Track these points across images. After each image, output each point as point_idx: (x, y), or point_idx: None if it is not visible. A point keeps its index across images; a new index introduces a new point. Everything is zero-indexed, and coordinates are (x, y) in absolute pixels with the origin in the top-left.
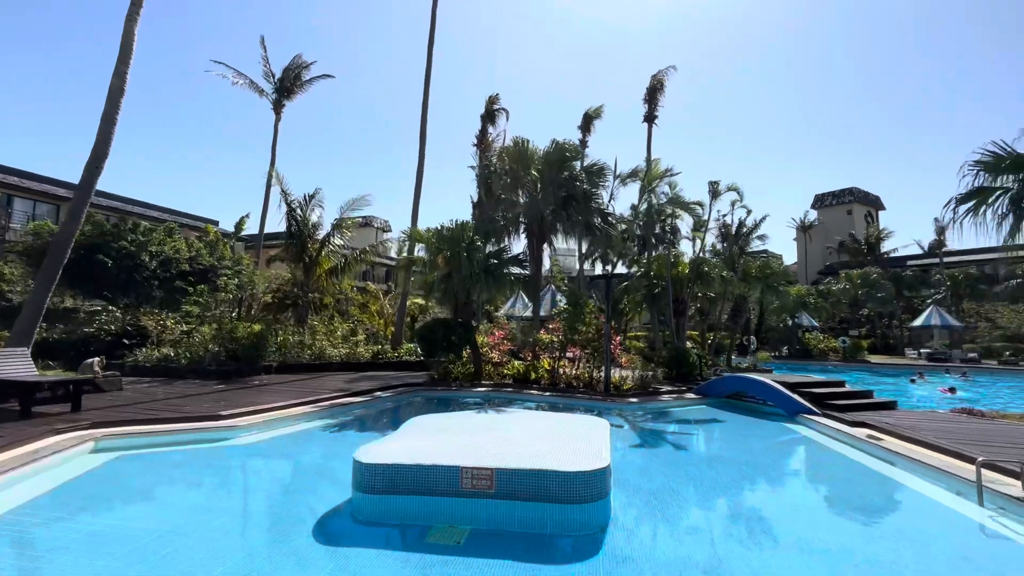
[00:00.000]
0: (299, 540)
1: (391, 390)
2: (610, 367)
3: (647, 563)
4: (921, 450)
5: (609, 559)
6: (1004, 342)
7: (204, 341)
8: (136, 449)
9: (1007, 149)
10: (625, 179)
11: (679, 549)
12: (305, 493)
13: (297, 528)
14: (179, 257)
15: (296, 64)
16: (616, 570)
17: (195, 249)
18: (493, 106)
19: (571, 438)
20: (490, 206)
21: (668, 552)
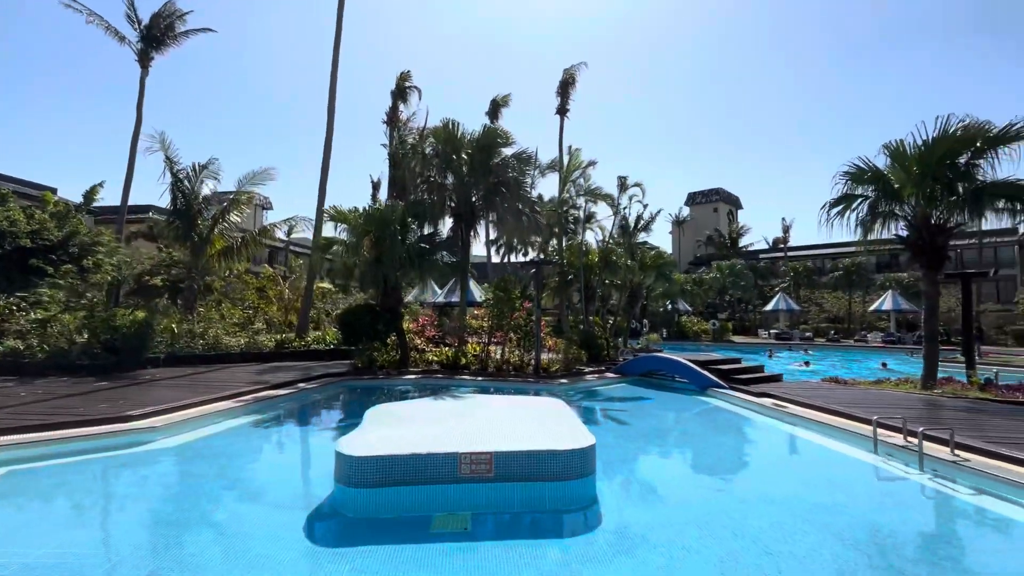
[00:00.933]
0: (295, 546)
1: (314, 381)
2: (540, 351)
3: (639, 526)
4: (817, 413)
5: (608, 526)
6: (828, 323)
7: (67, 331)
8: (34, 462)
9: (868, 163)
10: (544, 170)
11: (664, 508)
12: (274, 495)
13: (286, 533)
14: (16, 231)
15: (168, 11)
16: (618, 535)
17: (38, 221)
18: (405, 83)
19: (547, 419)
20: (412, 187)
21: (655, 514)
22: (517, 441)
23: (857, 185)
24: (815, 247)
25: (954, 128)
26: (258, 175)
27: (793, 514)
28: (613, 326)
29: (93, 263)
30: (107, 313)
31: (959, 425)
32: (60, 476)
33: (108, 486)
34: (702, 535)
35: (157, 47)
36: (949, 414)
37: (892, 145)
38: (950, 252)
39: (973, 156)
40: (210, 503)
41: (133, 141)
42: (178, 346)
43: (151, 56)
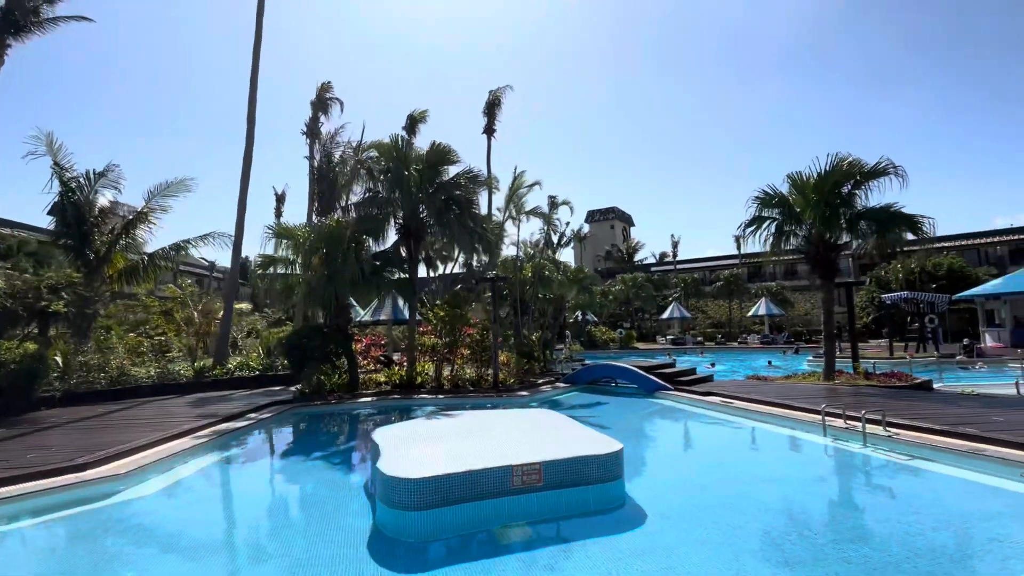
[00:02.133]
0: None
1: (265, 410)
2: (498, 365)
3: (665, 516)
4: (762, 407)
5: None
6: (713, 328)
7: None
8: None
9: (775, 190)
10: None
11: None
12: (307, 533)
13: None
14: None
15: None
16: (664, 521)
17: None
18: (326, 94)
19: (562, 429)
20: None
21: (676, 502)
22: (554, 449)
23: (765, 208)
24: (698, 260)
25: (840, 163)
26: (173, 186)
27: (790, 488)
28: (542, 338)
29: None
30: None
31: (869, 408)
32: (39, 538)
33: (108, 545)
34: (730, 512)
35: (16, 33)
36: (860, 400)
37: (794, 175)
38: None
39: (853, 187)
40: (239, 549)
41: None
42: (73, 381)
43: (8, 43)
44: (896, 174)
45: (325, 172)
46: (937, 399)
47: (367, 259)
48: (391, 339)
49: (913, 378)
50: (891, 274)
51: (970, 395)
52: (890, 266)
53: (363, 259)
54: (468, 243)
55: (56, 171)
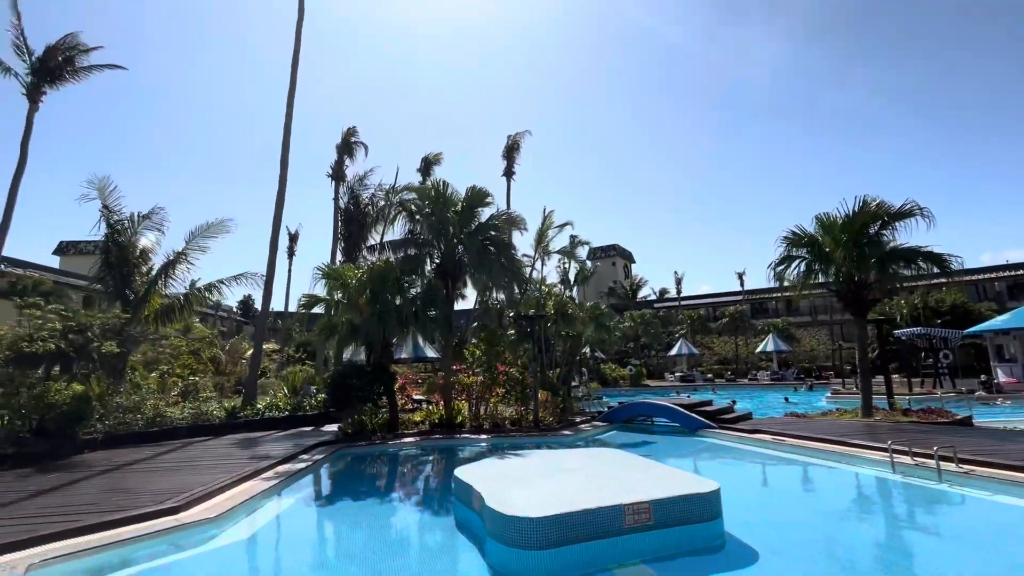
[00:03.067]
0: None
1: (315, 451)
2: (538, 404)
3: (777, 552)
4: (815, 443)
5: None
6: (719, 364)
7: None
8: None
9: (803, 231)
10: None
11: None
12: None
13: None
14: None
15: (67, 44)
16: (774, 555)
17: None
18: (351, 138)
19: (646, 467)
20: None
21: (777, 539)
22: (655, 488)
23: (794, 247)
24: (702, 297)
25: (867, 205)
26: (212, 227)
27: (889, 524)
28: (561, 375)
29: None
30: (40, 388)
31: (921, 443)
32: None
33: None
34: (841, 549)
35: (52, 81)
36: (910, 436)
37: (822, 216)
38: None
39: (881, 227)
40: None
41: (14, 182)
42: (109, 423)
43: (43, 90)
44: (922, 215)
45: (352, 213)
46: (985, 435)
47: (414, 299)
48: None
49: (952, 414)
50: (895, 310)
51: (1014, 431)
52: (892, 302)
53: (408, 301)
54: (507, 283)
55: (105, 214)
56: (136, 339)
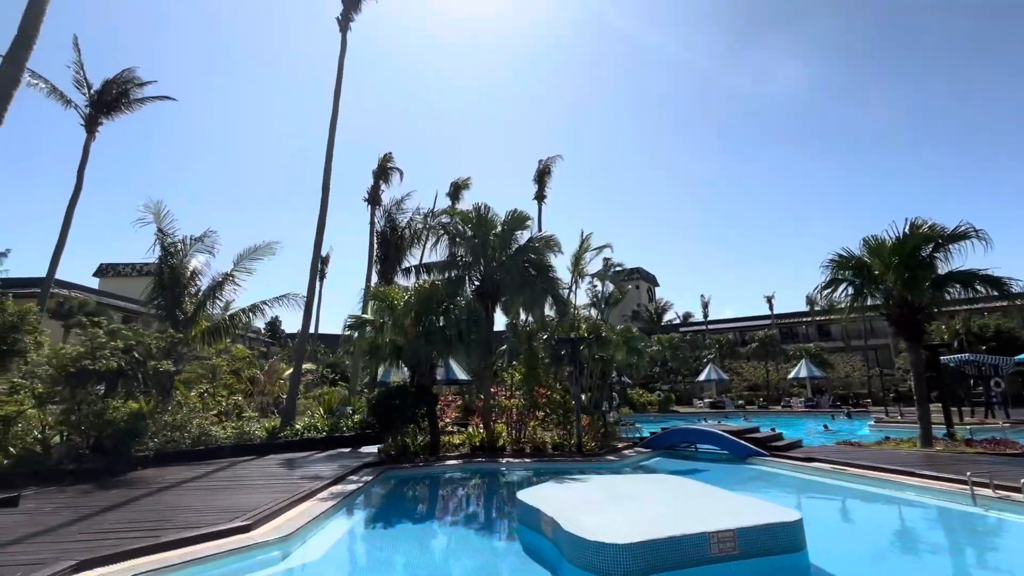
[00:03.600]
0: None
1: (362, 472)
2: (581, 429)
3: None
4: (879, 473)
5: None
6: (749, 391)
7: (38, 430)
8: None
9: (850, 253)
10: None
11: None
12: None
13: None
14: None
15: (123, 78)
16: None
17: None
18: (387, 164)
19: (718, 496)
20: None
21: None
22: (734, 517)
23: (840, 270)
24: (730, 321)
25: (919, 226)
26: (259, 249)
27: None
28: (591, 400)
29: (34, 344)
30: (99, 406)
31: (999, 475)
32: None
33: None
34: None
35: (108, 113)
36: (983, 468)
37: (869, 239)
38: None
39: (934, 249)
40: None
41: (70, 207)
42: (157, 441)
43: (99, 121)
44: (978, 237)
45: (388, 237)
46: None
47: (459, 319)
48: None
49: (1020, 445)
50: (935, 335)
51: None
52: (931, 327)
53: (454, 322)
54: (546, 305)
55: (159, 237)
56: (185, 358)
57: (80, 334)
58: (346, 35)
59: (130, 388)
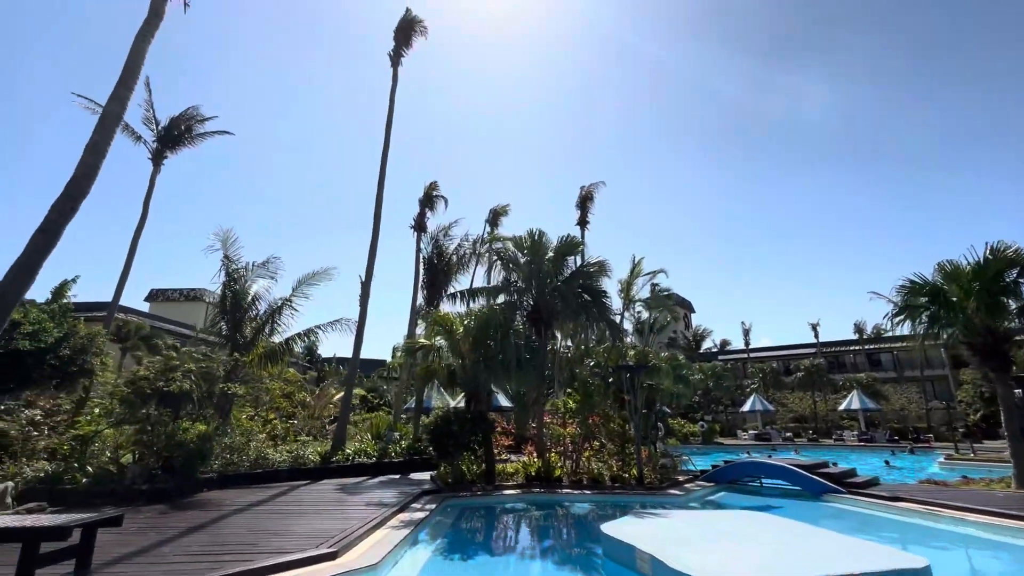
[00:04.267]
0: None
1: (423, 500)
2: (642, 460)
3: None
4: (985, 517)
5: None
6: (795, 423)
7: (111, 449)
8: None
9: (923, 279)
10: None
11: None
12: None
13: None
14: (22, 331)
15: (188, 115)
16: None
17: (36, 320)
18: (433, 192)
19: (829, 537)
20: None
21: None
22: (852, 561)
23: (913, 296)
24: (772, 349)
25: (1002, 251)
26: (317, 275)
27: None
28: (639, 431)
29: (99, 365)
30: (169, 427)
31: None
32: None
33: None
34: None
35: (172, 147)
36: None
37: (945, 264)
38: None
39: (1019, 274)
40: None
41: (135, 236)
42: (219, 464)
43: (165, 155)
44: None
45: (436, 263)
46: None
47: (519, 345)
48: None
49: None
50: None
51: None
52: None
53: (513, 347)
54: (600, 330)
55: (225, 264)
56: (245, 381)
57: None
58: (397, 70)
59: (195, 410)
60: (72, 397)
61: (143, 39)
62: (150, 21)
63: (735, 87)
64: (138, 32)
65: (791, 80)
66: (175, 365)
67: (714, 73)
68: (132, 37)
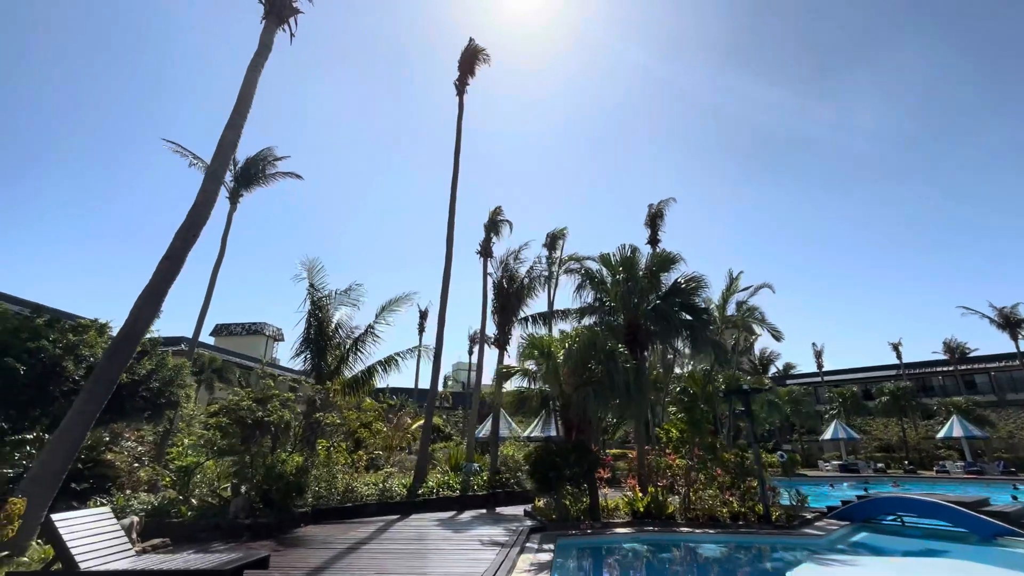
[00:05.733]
0: None
1: (533, 537)
2: (767, 494)
3: None
4: None
5: None
6: (881, 452)
7: (211, 481)
8: None
9: None
10: None
11: None
12: None
13: None
14: None
15: (263, 156)
16: None
17: None
18: (497, 217)
19: None
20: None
21: None
22: None
23: None
24: (847, 371)
25: None
26: (399, 300)
27: None
28: (759, 461)
29: (184, 397)
30: (270, 459)
31: None
32: None
33: None
34: None
35: (248, 186)
36: None
37: None
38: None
39: None
40: None
41: (214, 271)
42: (310, 498)
43: (241, 194)
44: None
45: (507, 287)
46: None
47: (627, 369)
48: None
49: None
50: None
51: None
52: None
53: (622, 371)
54: (705, 351)
55: (311, 292)
56: (331, 411)
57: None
58: (463, 98)
59: (294, 441)
60: (157, 428)
61: (255, 69)
62: (260, 53)
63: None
64: (250, 63)
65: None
66: (272, 395)
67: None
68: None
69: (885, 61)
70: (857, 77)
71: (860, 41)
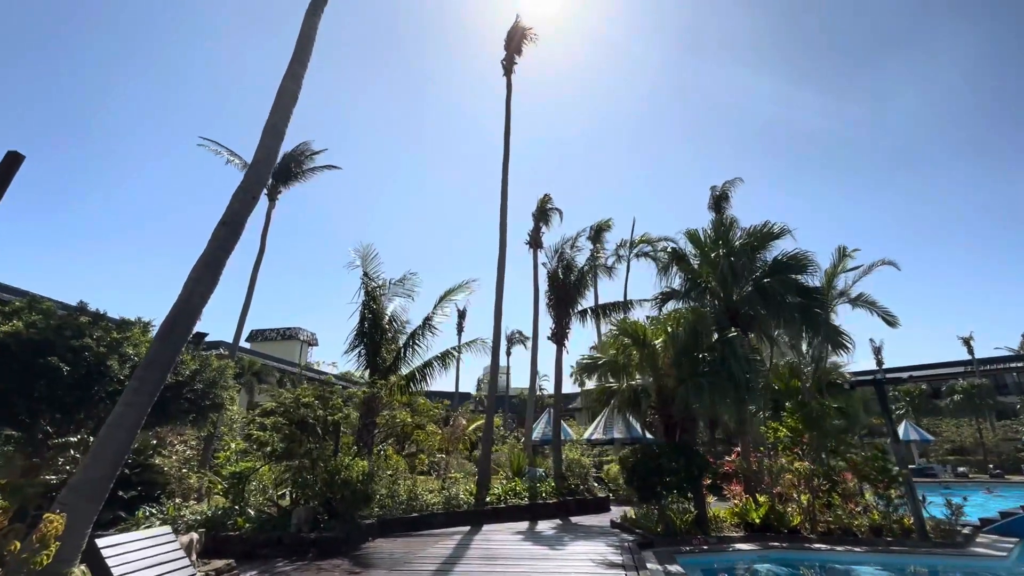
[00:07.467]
0: None
1: (644, 553)
2: (918, 503)
3: None
4: None
5: None
6: (953, 455)
7: (264, 487)
8: None
9: None
10: None
11: None
12: None
13: None
14: None
15: (300, 151)
16: None
17: None
18: (546, 205)
19: None
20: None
21: None
22: None
23: None
24: (912, 368)
25: None
26: (456, 289)
27: None
28: (905, 465)
29: (228, 399)
30: (334, 464)
31: None
32: None
33: None
34: None
35: (286, 182)
36: None
37: None
38: None
39: None
40: None
41: (255, 269)
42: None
43: (279, 190)
44: None
45: (563, 279)
46: None
47: (742, 358)
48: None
49: None
50: None
51: None
52: None
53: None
54: (819, 335)
55: (364, 281)
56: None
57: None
58: (511, 78)
59: (358, 443)
60: (200, 432)
61: (313, 14)
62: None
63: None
64: (308, 7)
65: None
66: (335, 391)
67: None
68: None
69: (919, 48)
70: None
71: (890, 32)
